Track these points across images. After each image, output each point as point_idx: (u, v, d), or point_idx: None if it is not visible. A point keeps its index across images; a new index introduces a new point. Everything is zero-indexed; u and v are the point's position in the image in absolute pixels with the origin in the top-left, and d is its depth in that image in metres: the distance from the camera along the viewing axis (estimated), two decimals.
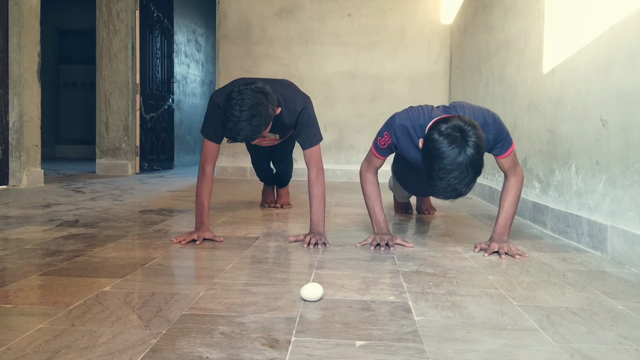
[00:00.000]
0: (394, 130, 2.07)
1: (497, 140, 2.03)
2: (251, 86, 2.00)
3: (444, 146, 1.71)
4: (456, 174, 1.70)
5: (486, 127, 1.98)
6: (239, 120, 1.94)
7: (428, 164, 1.77)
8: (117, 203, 3.34)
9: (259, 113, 1.96)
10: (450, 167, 1.70)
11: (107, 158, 5.91)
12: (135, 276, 1.59)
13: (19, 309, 1.27)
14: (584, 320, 1.28)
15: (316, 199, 2.21)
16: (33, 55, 4.30)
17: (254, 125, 1.96)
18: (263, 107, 1.98)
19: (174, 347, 1.05)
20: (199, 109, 8.98)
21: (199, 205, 2.22)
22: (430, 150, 1.75)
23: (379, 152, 2.16)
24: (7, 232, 2.27)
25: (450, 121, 1.77)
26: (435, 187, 1.77)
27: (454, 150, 1.70)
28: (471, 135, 1.72)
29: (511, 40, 3.35)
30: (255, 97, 1.97)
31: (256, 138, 2.03)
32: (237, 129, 1.95)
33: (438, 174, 1.73)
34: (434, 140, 1.74)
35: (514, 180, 2.11)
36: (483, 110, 2.05)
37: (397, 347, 1.08)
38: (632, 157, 1.85)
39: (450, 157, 1.70)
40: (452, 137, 1.71)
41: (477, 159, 1.72)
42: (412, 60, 5.73)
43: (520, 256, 1.98)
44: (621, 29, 1.95)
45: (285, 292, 1.46)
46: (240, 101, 1.94)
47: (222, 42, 5.83)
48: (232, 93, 1.98)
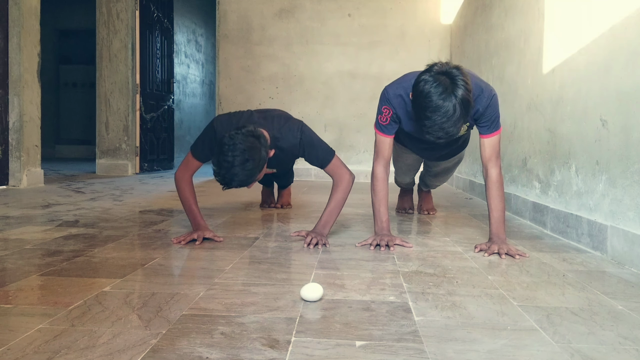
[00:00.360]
0: (390, 101, 2.07)
1: (485, 114, 2.03)
2: (242, 130, 1.98)
3: (430, 85, 1.74)
4: (443, 111, 1.73)
5: (480, 98, 2.00)
6: (232, 166, 1.91)
7: (416, 106, 1.79)
8: (117, 203, 3.34)
9: (252, 157, 1.94)
10: (436, 106, 1.73)
11: (107, 158, 5.91)
12: (135, 276, 1.59)
13: (19, 309, 1.27)
14: (584, 321, 1.27)
15: (335, 202, 2.21)
16: (33, 56, 4.30)
17: (248, 169, 1.94)
18: (256, 151, 1.96)
19: (174, 347, 1.05)
20: (199, 109, 8.98)
21: (189, 211, 2.23)
22: (418, 93, 1.77)
23: (384, 130, 2.15)
24: (7, 232, 2.27)
25: (434, 67, 1.80)
26: (424, 127, 1.79)
27: (439, 88, 1.73)
28: (458, 75, 1.75)
29: (511, 40, 3.35)
30: (247, 141, 1.94)
31: (251, 183, 2.00)
32: (231, 175, 1.93)
33: (425, 114, 1.75)
34: (422, 81, 1.77)
35: (495, 174, 2.10)
36: (484, 84, 2.05)
37: (397, 347, 1.08)
38: (632, 157, 1.85)
39: (437, 95, 1.73)
40: (438, 78, 1.75)
41: (465, 97, 1.74)
42: (412, 60, 5.73)
43: (520, 256, 1.98)
44: (621, 29, 1.95)
45: (285, 292, 1.46)
46: (232, 146, 1.92)
47: (222, 42, 5.83)
48: (224, 139, 1.95)
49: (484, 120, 2.05)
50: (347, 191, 2.23)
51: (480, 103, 2.00)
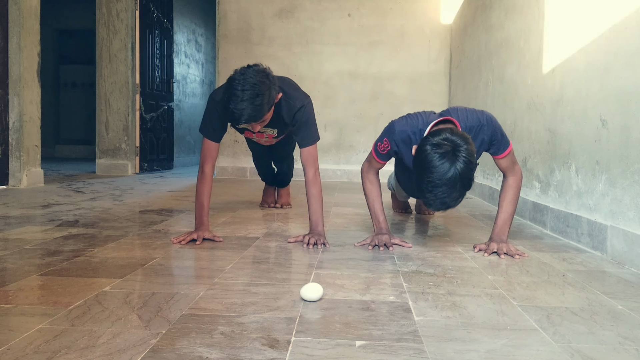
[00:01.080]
0: (394, 137, 2.07)
1: (492, 140, 2.03)
2: (253, 67, 2.00)
3: (434, 159, 1.71)
4: (444, 189, 1.71)
5: (481, 128, 2.00)
6: (241, 99, 1.92)
7: (418, 175, 1.78)
8: (117, 203, 3.34)
9: (261, 92, 1.95)
10: (439, 182, 1.70)
11: (107, 158, 5.91)
12: (135, 276, 1.59)
13: (19, 309, 1.27)
14: (584, 320, 1.28)
15: (314, 199, 2.21)
16: (33, 56, 4.30)
17: (257, 104, 1.95)
18: (265, 87, 1.98)
19: (174, 347, 1.05)
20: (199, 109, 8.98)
21: (198, 206, 2.22)
22: (422, 161, 1.75)
23: (379, 157, 2.17)
24: (7, 232, 2.27)
25: (442, 133, 1.76)
26: (425, 199, 1.79)
27: (444, 165, 1.70)
28: (462, 150, 1.72)
29: (511, 40, 3.35)
30: (257, 76, 1.96)
31: (259, 119, 2.00)
32: (241, 109, 1.93)
33: (427, 187, 1.74)
34: (425, 152, 1.74)
35: (513, 180, 2.11)
36: (478, 112, 2.05)
37: (397, 347, 1.08)
38: (632, 157, 1.85)
39: (440, 172, 1.70)
40: (443, 150, 1.71)
41: (467, 174, 1.72)
42: (412, 60, 5.73)
43: (519, 256, 1.98)
44: (621, 29, 1.95)
45: (285, 292, 1.46)
46: (243, 80, 1.93)
47: (222, 42, 5.83)
48: (234, 74, 1.97)
49: (493, 146, 2.05)
50: (319, 183, 2.25)
51: (484, 133, 2.00)
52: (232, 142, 5.80)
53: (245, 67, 2.00)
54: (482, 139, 2.01)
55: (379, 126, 5.74)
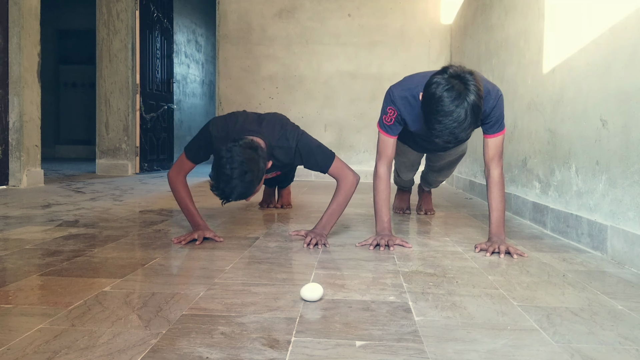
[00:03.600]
0: (394, 102, 2.06)
1: (491, 115, 2.02)
2: (240, 142, 1.95)
3: (441, 90, 1.72)
4: (455, 116, 1.71)
5: (487, 98, 1.98)
6: (230, 178, 1.89)
7: (427, 109, 1.77)
8: (117, 203, 3.34)
9: (250, 169, 1.91)
10: (448, 110, 1.71)
11: (107, 158, 5.91)
12: (135, 276, 1.59)
13: (19, 309, 1.27)
14: (584, 320, 1.27)
15: (337, 204, 2.20)
16: (33, 56, 4.30)
17: (247, 181, 1.91)
18: (254, 163, 1.93)
19: (174, 347, 1.05)
20: (199, 109, 8.98)
21: (186, 211, 2.22)
22: (430, 95, 1.75)
23: (389, 130, 2.14)
24: (7, 232, 2.27)
25: (447, 71, 1.78)
26: (433, 130, 1.77)
27: (453, 93, 1.71)
28: (470, 80, 1.74)
29: (511, 40, 3.35)
30: (245, 153, 1.92)
31: (250, 195, 1.98)
32: (230, 188, 1.91)
33: (436, 117, 1.73)
34: (434, 84, 1.75)
35: (497, 175, 2.10)
36: (490, 84, 2.04)
37: (397, 347, 1.08)
38: (632, 157, 1.85)
39: (449, 100, 1.71)
40: (451, 82, 1.73)
41: (477, 103, 1.73)
42: (412, 60, 5.73)
43: (519, 256, 1.98)
44: (621, 29, 1.95)
45: (285, 292, 1.46)
46: (230, 159, 1.89)
47: (222, 42, 5.83)
48: (221, 152, 1.93)
49: (489, 120, 2.04)
50: (350, 192, 2.22)
51: (487, 104, 1.99)
52: None
53: (231, 144, 1.94)
54: (484, 109, 1.99)
55: None
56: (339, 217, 2.23)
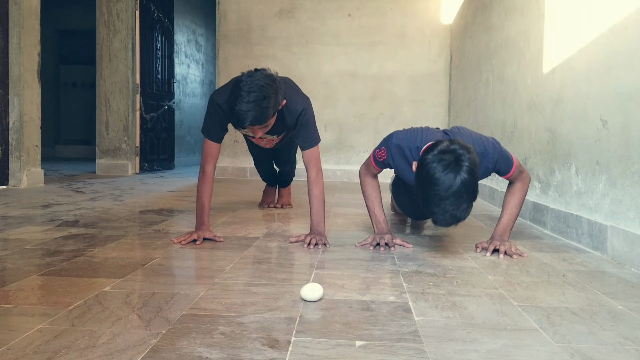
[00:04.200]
0: (390, 148, 2.06)
1: (496, 167, 2.02)
2: (261, 71, 1.99)
3: (437, 172, 1.67)
4: (451, 201, 1.68)
5: (485, 155, 1.95)
6: (247, 101, 1.91)
7: (422, 189, 1.74)
8: (117, 203, 3.34)
9: (268, 95, 1.94)
10: (445, 194, 1.67)
11: (107, 158, 5.91)
12: (135, 276, 1.59)
13: (19, 309, 1.27)
14: (584, 320, 1.27)
15: (316, 199, 2.21)
16: (33, 56, 4.30)
17: (264, 107, 1.93)
18: (272, 90, 1.97)
19: (174, 347, 1.05)
20: (199, 109, 8.98)
21: (199, 206, 2.22)
22: (424, 175, 1.71)
23: (377, 164, 2.17)
24: (7, 232, 2.27)
25: (442, 144, 1.73)
26: (433, 214, 1.75)
27: (448, 176, 1.66)
28: (465, 160, 1.68)
29: (511, 40, 3.35)
30: (265, 79, 1.96)
31: (264, 122, 1.98)
32: (246, 110, 1.91)
33: (433, 201, 1.70)
34: (427, 165, 1.70)
35: (521, 184, 2.11)
36: (483, 138, 2.01)
37: (397, 347, 1.08)
38: (632, 157, 1.85)
39: (445, 184, 1.66)
40: (446, 161, 1.68)
41: (471, 184, 1.69)
42: (412, 60, 5.73)
43: (519, 256, 1.98)
44: (621, 29, 1.95)
45: (285, 292, 1.46)
46: (250, 83, 1.92)
47: (222, 42, 5.83)
48: (241, 76, 1.96)
49: (498, 169, 2.03)
50: (321, 183, 2.25)
51: (487, 160, 1.96)
52: (232, 142, 5.80)
53: (253, 70, 1.99)
54: (486, 166, 1.97)
55: (379, 126, 5.75)
56: (325, 208, 2.24)
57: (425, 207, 1.76)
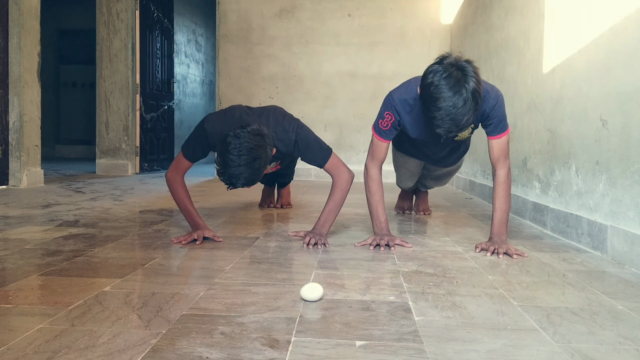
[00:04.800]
0: (395, 106, 2.05)
1: (492, 115, 2.01)
2: (247, 129, 1.95)
3: (440, 77, 1.72)
4: (454, 102, 1.70)
5: (486, 98, 1.98)
6: (238, 165, 1.89)
7: (426, 98, 1.77)
8: (117, 203, 3.34)
9: (258, 156, 1.92)
10: (447, 96, 1.70)
11: (107, 158, 5.91)
12: (135, 276, 1.59)
13: (19, 309, 1.27)
14: (584, 320, 1.27)
15: (334, 203, 2.20)
16: (33, 56, 4.30)
17: (255, 168, 1.92)
18: (262, 150, 1.94)
19: (174, 347, 1.05)
20: (199, 109, 8.98)
21: (185, 211, 2.22)
22: (429, 84, 1.75)
23: (382, 135, 2.13)
24: (7, 232, 2.27)
25: (444, 61, 1.78)
26: (434, 119, 1.76)
27: (451, 80, 1.71)
28: (468, 68, 1.74)
29: (511, 40, 3.35)
30: (254, 140, 1.92)
31: (256, 182, 1.99)
32: (238, 174, 1.91)
33: (436, 104, 1.72)
34: (431, 72, 1.75)
35: (502, 175, 2.09)
36: (489, 86, 2.04)
37: (397, 347, 1.08)
38: (632, 157, 1.85)
39: (448, 86, 1.71)
40: (449, 69, 1.73)
41: (476, 89, 1.73)
42: (412, 60, 5.73)
43: (519, 256, 1.98)
44: (621, 29, 1.95)
45: (285, 292, 1.46)
46: (239, 146, 1.90)
47: (222, 42, 5.83)
48: (228, 138, 1.92)
49: (491, 121, 2.03)
50: (346, 190, 2.22)
51: (486, 104, 1.98)
52: None
53: (239, 130, 1.94)
54: (484, 109, 1.99)
55: None
56: (337, 215, 2.23)
57: (427, 114, 1.79)
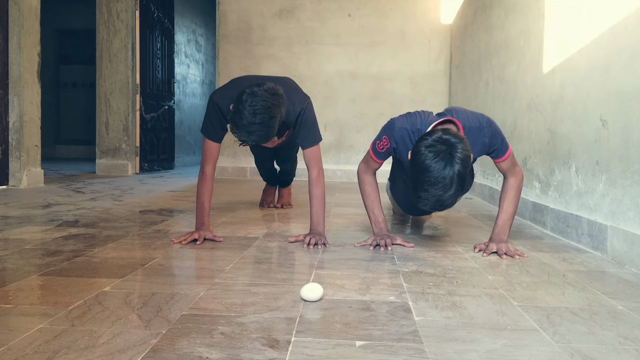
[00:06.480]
0: (394, 134, 2.07)
1: (492, 143, 2.03)
2: (263, 87, 1.96)
3: (429, 159, 1.73)
4: (440, 186, 1.72)
5: (481, 130, 2.00)
6: (253, 122, 1.90)
7: (414, 176, 1.79)
8: (117, 203, 3.34)
9: (273, 115, 1.93)
10: (435, 180, 1.72)
11: (107, 158, 5.91)
12: (135, 276, 1.59)
13: (19, 309, 1.27)
14: (584, 320, 1.27)
15: (317, 199, 2.21)
16: (33, 56, 4.30)
17: (269, 127, 1.94)
18: (277, 109, 1.96)
19: (174, 347, 1.05)
20: (199, 109, 8.98)
21: (199, 206, 2.21)
22: (417, 163, 1.76)
23: (377, 155, 2.16)
24: (7, 232, 2.27)
25: (436, 133, 1.78)
26: (419, 198, 1.79)
27: (440, 164, 1.71)
28: (458, 149, 1.73)
29: (511, 40, 3.35)
30: (270, 98, 1.93)
31: (269, 140, 2.00)
32: (251, 131, 1.92)
33: (422, 186, 1.75)
34: (421, 153, 1.75)
35: (513, 180, 2.11)
36: (478, 114, 2.06)
37: (397, 347, 1.08)
38: (632, 157, 1.85)
39: (436, 171, 1.71)
40: (439, 150, 1.73)
41: (463, 173, 1.74)
42: (412, 60, 5.73)
43: (519, 256, 1.98)
44: (621, 29, 1.95)
45: (285, 292, 1.46)
46: (254, 103, 1.91)
47: (222, 43, 5.83)
48: (244, 95, 1.93)
49: (493, 148, 2.05)
50: (323, 184, 2.24)
51: (483, 135, 2.00)
52: (232, 142, 5.80)
53: (256, 87, 1.95)
54: (483, 141, 2.01)
55: (379, 126, 5.72)
56: (325, 209, 2.24)
57: (414, 192, 1.81)
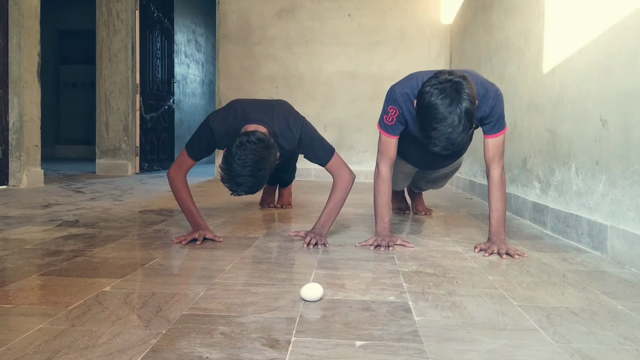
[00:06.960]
0: (397, 100, 2.06)
1: (491, 114, 2.02)
2: (252, 138, 1.94)
3: (435, 96, 1.73)
4: (449, 122, 1.72)
5: (486, 98, 1.99)
6: (242, 174, 1.91)
7: (422, 117, 1.79)
8: (117, 203, 3.34)
9: (263, 167, 1.93)
10: (442, 117, 1.72)
11: (107, 158, 5.91)
12: (135, 276, 1.59)
13: (19, 309, 1.27)
14: (584, 320, 1.27)
15: (334, 203, 2.20)
16: (33, 56, 4.30)
17: (259, 178, 1.94)
18: (266, 161, 1.95)
19: (174, 347, 1.05)
20: (199, 109, 8.99)
21: (187, 211, 2.21)
22: (424, 103, 1.77)
23: (389, 130, 2.12)
24: (7, 232, 2.27)
25: (441, 75, 1.79)
26: (429, 139, 1.78)
27: (446, 100, 1.72)
28: (464, 86, 1.75)
29: (511, 40, 3.35)
30: (258, 151, 1.93)
31: (260, 189, 2.01)
32: (240, 183, 1.92)
33: (431, 125, 1.74)
34: (427, 92, 1.76)
35: (497, 175, 2.09)
36: (489, 84, 2.04)
37: (397, 347, 1.08)
38: (632, 157, 1.85)
39: (443, 107, 1.72)
40: (444, 87, 1.74)
41: (470, 109, 1.74)
42: (412, 60, 5.73)
43: (519, 256, 1.98)
44: (621, 29, 1.95)
45: (285, 292, 1.46)
46: (243, 157, 1.90)
47: (222, 42, 5.84)
48: (232, 148, 1.93)
49: (489, 120, 2.04)
50: (347, 191, 2.22)
51: (486, 103, 1.99)
52: None
53: (244, 139, 1.94)
54: (484, 110, 1.99)
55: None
56: (337, 216, 2.23)
57: (423, 134, 1.80)
